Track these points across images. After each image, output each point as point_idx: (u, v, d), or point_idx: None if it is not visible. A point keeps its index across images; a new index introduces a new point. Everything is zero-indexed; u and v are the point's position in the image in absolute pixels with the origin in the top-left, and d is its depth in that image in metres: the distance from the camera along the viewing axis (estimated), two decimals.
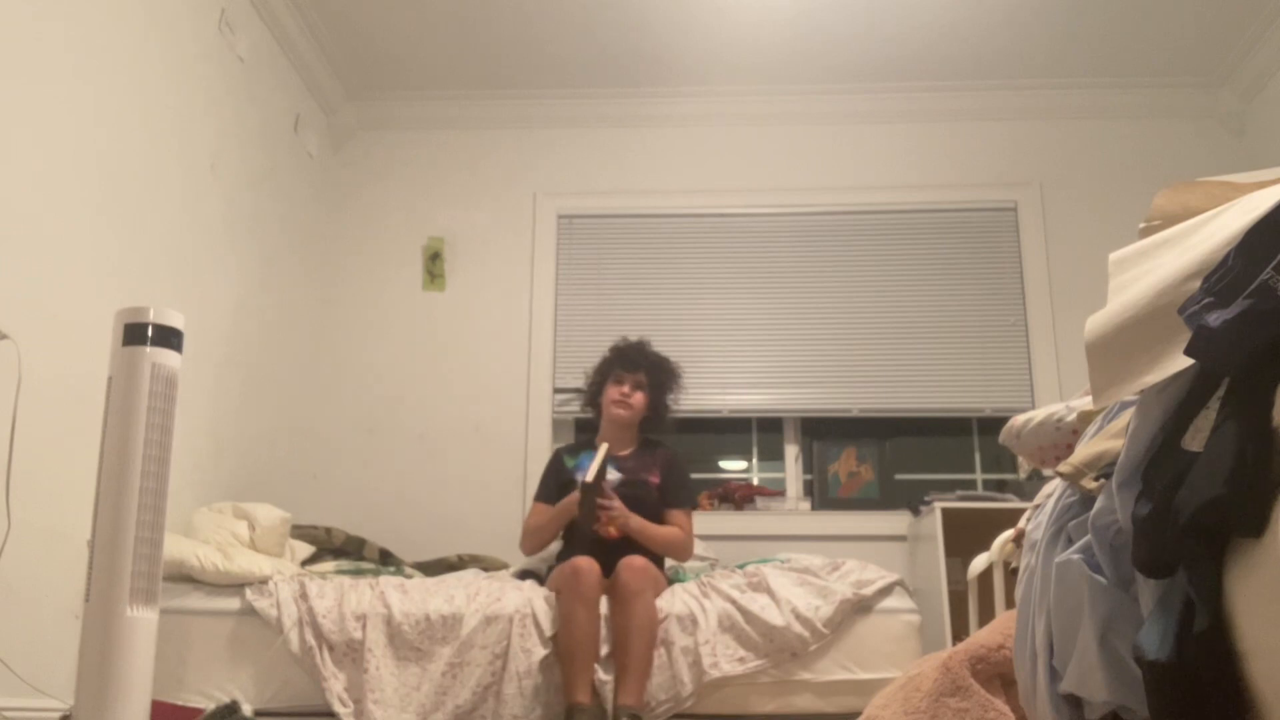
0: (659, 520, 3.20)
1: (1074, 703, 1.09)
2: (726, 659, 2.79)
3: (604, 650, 2.80)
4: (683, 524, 3.23)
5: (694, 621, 2.83)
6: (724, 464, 4.45)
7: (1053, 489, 1.35)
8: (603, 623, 2.84)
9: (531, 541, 3.22)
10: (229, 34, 3.54)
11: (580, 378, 3.64)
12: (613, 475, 3.22)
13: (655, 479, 3.26)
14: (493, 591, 2.90)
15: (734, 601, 2.86)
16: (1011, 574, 2.48)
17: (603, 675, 2.76)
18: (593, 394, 3.44)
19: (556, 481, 3.29)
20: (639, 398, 3.33)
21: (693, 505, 3.32)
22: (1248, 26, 4.02)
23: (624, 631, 2.78)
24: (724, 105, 4.51)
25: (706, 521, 4.05)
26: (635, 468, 3.28)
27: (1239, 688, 0.81)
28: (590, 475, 2.97)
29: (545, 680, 2.76)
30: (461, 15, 4.01)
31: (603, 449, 3.10)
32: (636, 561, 2.91)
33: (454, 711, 2.71)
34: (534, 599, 2.87)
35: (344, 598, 2.86)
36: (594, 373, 3.46)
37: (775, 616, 2.82)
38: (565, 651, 2.76)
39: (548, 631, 2.81)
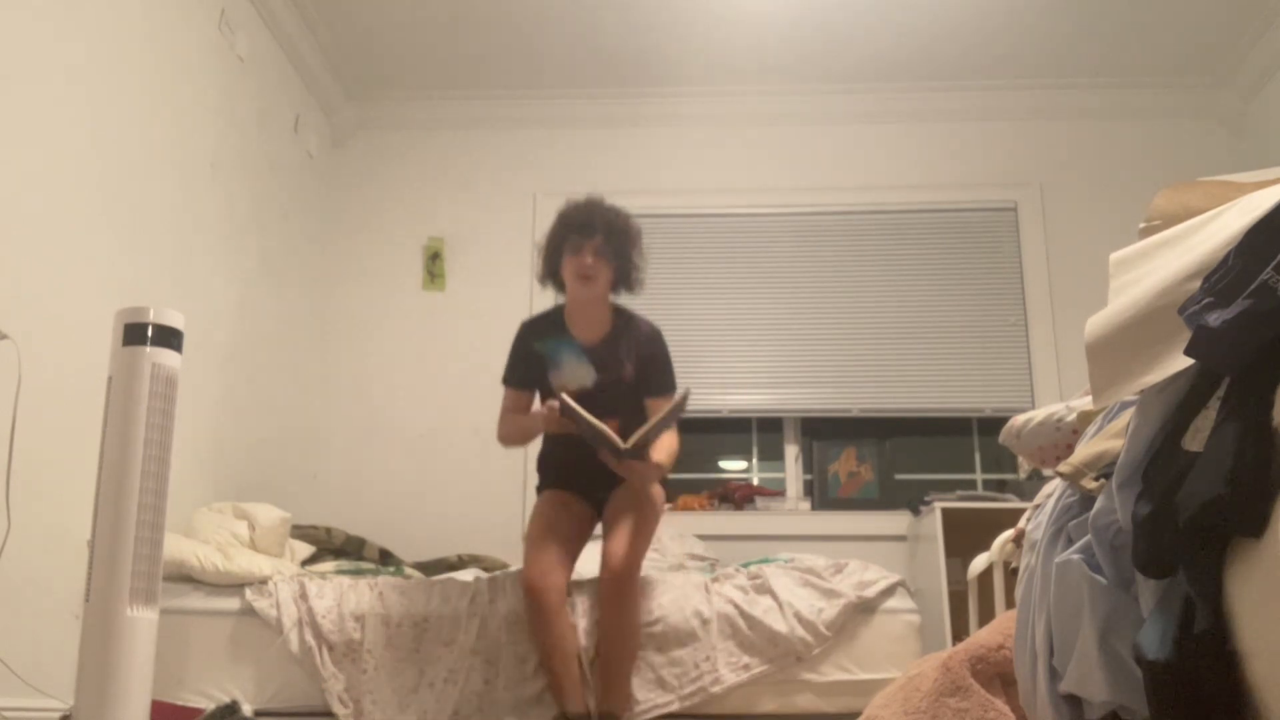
0: (635, 412, 2.89)
1: (1074, 703, 1.09)
2: (730, 668, 2.78)
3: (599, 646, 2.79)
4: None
5: (693, 635, 2.81)
6: (724, 464, 4.45)
7: (1053, 489, 1.35)
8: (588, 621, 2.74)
9: (507, 442, 3.04)
10: (229, 34, 3.54)
11: None
12: (585, 373, 2.92)
13: (630, 369, 2.94)
14: (491, 592, 2.90)
15: (737, 605, 2.85)
16: (1011, 574, 2.48)
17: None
18: (550, 269, 3.02)
19: (525, 368, 2.98)
20: (603, 266, 2.93)
21: (674, 389, 2.97)
22: (1248, 26, 4.02)
23: (609, 634, 2.69)
24: (724, 105, 4.51)
25: (707, 521, 4.05)
26: (608, 358, 2.95)
27: (1239, 688, 0.81)
28: (630, 441, 2.68)
29: (544, 682, 2.75)
30: (461, 15, 4.01)
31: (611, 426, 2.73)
32: (621, 550, 2.72)
33: (453, 713, 2.71)
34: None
35: (343, 598, 2.86)
36: (545, 245, 3.03)
37: (778, 622, 2.81)
38: (545, 665, 2.71)
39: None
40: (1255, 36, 4.05)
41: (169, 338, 1.87)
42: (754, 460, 4.39)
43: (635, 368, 2.95)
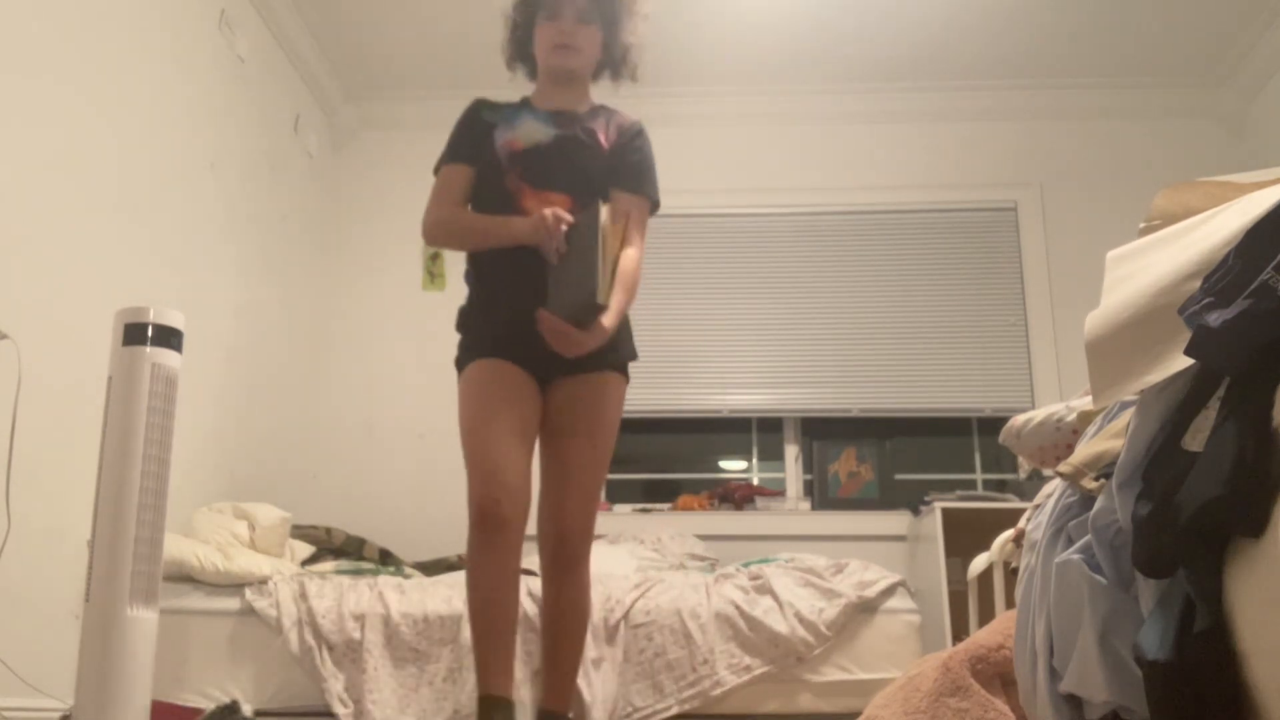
0: (599, 194, 2.25)
1: (1074, 703, 1.09)
2: (730, 669, 2.77)
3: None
4: (638, 226, 2.29)
5: (688, 636, 2.80)
6: (724, 464, 4.45)
7: (1053, 489, 1.35)
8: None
9: (437, 236, 2.37)
10: (229, 34, 3.54)
11: None
12: (542, 130, 2.33)
13: (604, 140, 2.37)
14: None
15: (737, 606, 2.85)
16: (1011, 574, 2.48)
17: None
18: (518, 45, 2.48)
19: (470, 141, 2.37)
20: (587, 37, 2.36)
21: (655, 202, 2.38)
22: (1248, 26, 4.02)
23: (560, 617, 2.22)
24: (724, 105, 4.51)
25: (707, 521, 4.05)
26: (577, 123, 2.37)
27: (1239, 688, 0.81)
28: (601, 294, 2.01)
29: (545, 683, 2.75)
30: (461, 15, 4.01)
31: (604, 212, 2.06)
32: (576, 502, 2.18)
33: (452, 713, 2.71)
34: (532, 600, 2.87)
35: (343, 598, 2.86)
36: (513, 12, 2.46)
37: (779, 622, 2.80)
38: (480, 627, 2.10)
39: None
40: (1255, 36, 4.04)
41: (169, 338, 1.87)
42: (754, 460, 4.39)
43: (610, 148, 2.36)
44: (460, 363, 2.33)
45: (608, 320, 2.11)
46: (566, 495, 2.22)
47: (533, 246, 2.18)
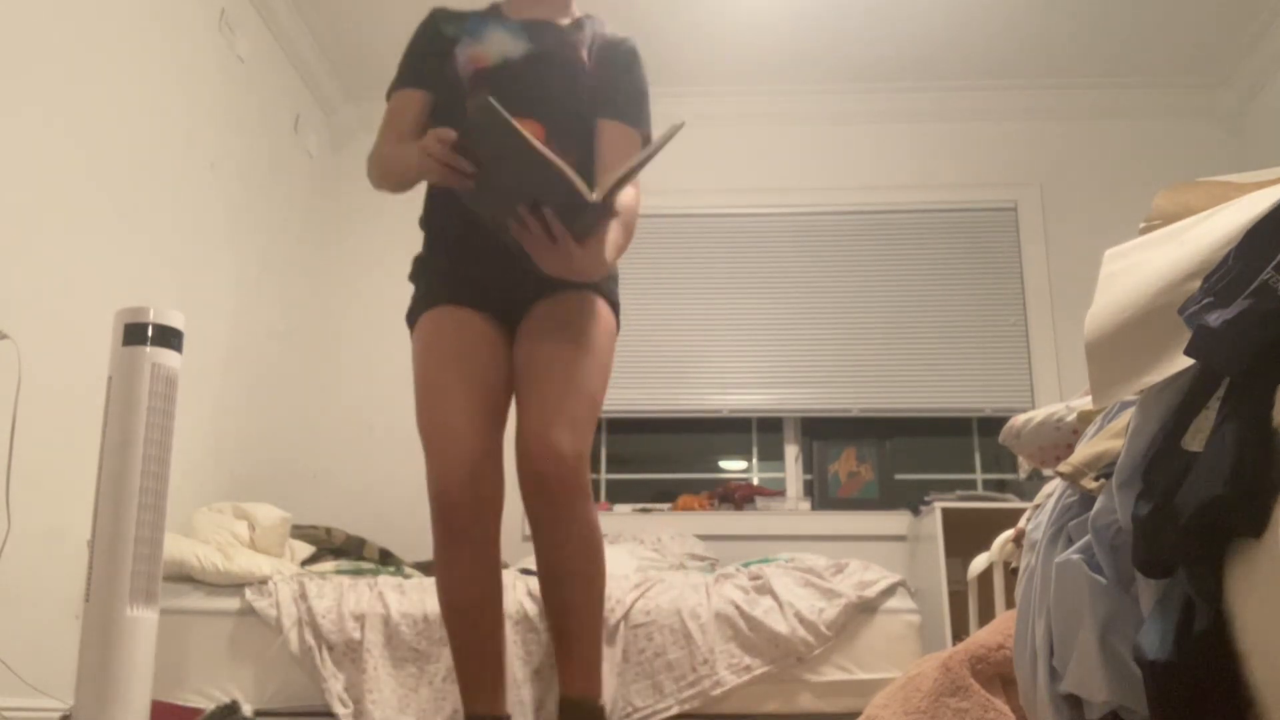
0: (575, 129, 1.91)
1: (1074, 703, 1.09)
2: (731, 669, 2.77)
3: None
4: (630, 152, 1.89)
5: (688, 636, 2.80)
6: (724, 464, 4.45)
7: (1053, 489, 1.35)
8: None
9: (370, 176, 2.00)
10: (229, 34, 3.54)
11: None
12: (513, 43, 1.94)
13: (587, 60, 1.98)
14: None
15: (737, 606, 2.85)
16: (1011, 574, 2.48)
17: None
18: None
19: (426, 55, 2.01)
20: None
21: (646, 130, 1.98)
22: (1248, 26, 4.02)
23: (561, 572, 1.80)
24: (724, 105, 4.51)
25: (707, 521, 4.04)
26: (554, 38, 1.97)
27: (1239, 688, 0.81)
28: (598, 193, 1.59)
29: (545, 683, 2.75)
30: None
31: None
32: (557, 418, 1.73)
33: (452, 713, 2.71)
34: (532, 600, 2.87)
35: (343, 598, 2.86)
36: None
37: (779, 622, 2.80)
38: (451, 638, 1.85)
39: (545, 633, 2.79)
40: (1255, 36, 4.04)
41: (169, 338, 1.87)
42: (754, 460, 4.39)
43: (595, 67, 1.97)
44: (411, 316, 2.01)
45: (610, 251, 1.69)
46: (546, 401, 1.77)
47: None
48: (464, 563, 1.80)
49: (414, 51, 2.03)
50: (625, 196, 1.78)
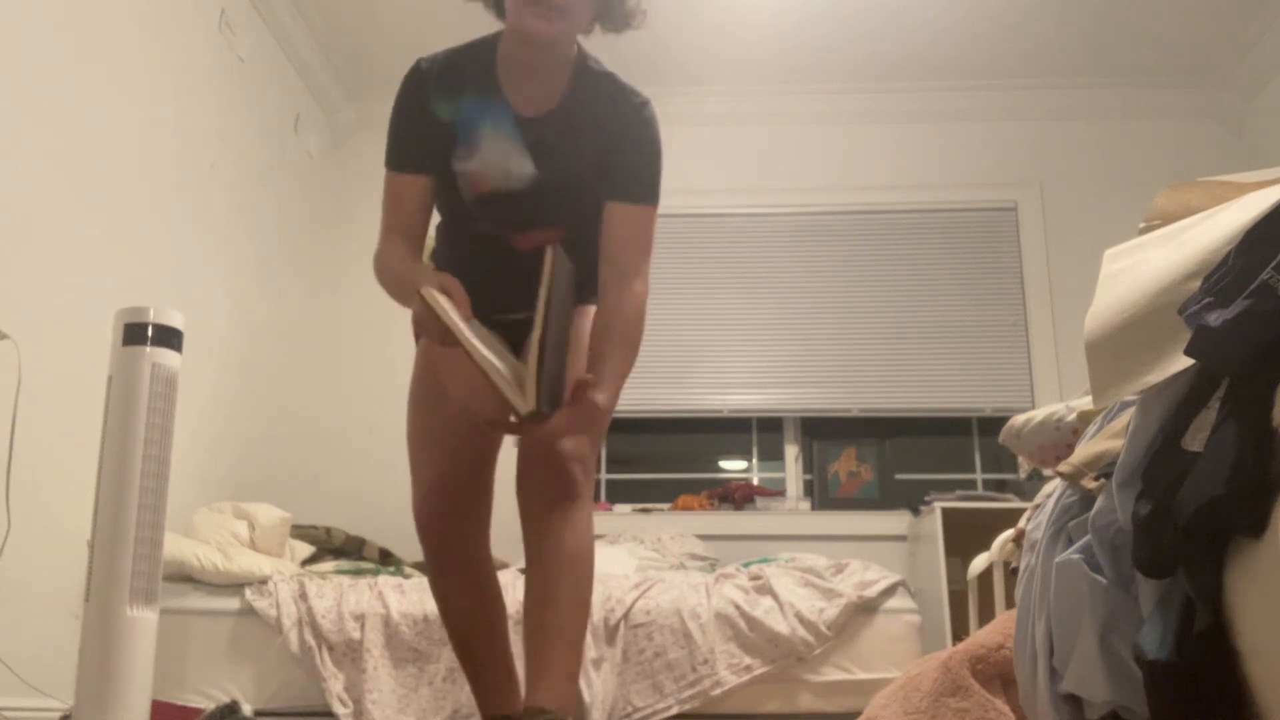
0: (589, 222, 1.82)
1: (1074, 703, 1.09)
2: (731, 669, 2.77)
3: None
4: (638, 246, 1.80)
5: (688, 636, 2.80)
6: (724, 464, 4.45)
7: (1053, 489, 1.35)
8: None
9: (384, 286, 1.93)
10: (229, 34, 3.54)
11: None
12: (515, 161, 1.82)
13: (589, 157, 1.85)
14: None
15: (738, 606, 2.85)
16: (1011, 574, 2.48)
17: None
18: None
19: (419, 138, 1.90)
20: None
21: (655, 200, 1.87)
22: (1248, 26, 4.02)
23: (544, 578, 1.71)
24: (723, 105, 4.51)
25: (707, 521, 4.04)
26: (555, 139, 1.84)
27: (1239, 688, 0.81)
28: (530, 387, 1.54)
29: None
30: (461, 15, 4.00)
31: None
32: (563, 416, 1.63)
33: (452, 713, 2.71)
34: None
35: (343, 598, 2.86)
36: None
37: (779, 622, 2.80)
38: (455, 646, 1.90)
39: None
40: (1255, 36, 4.04)
41: (169, 338, 1.87)
42: (754, 460, 4.39)
43: (598, 154, 1.85)
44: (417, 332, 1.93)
45: (601, 394, 1.64)
46: (543, 446, 1.71)
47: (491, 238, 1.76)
48: (453, 582, 1.92)
49: (408, 128, 1.91)
50: (626, 304, 1.76)
